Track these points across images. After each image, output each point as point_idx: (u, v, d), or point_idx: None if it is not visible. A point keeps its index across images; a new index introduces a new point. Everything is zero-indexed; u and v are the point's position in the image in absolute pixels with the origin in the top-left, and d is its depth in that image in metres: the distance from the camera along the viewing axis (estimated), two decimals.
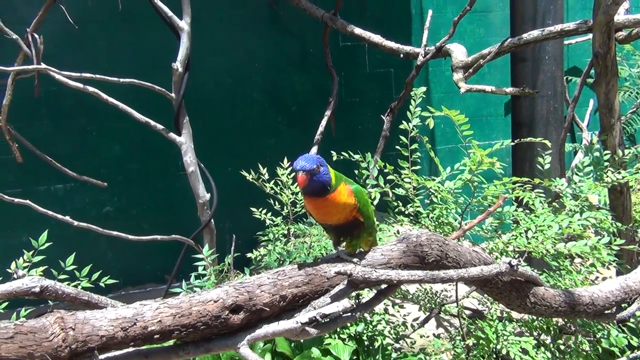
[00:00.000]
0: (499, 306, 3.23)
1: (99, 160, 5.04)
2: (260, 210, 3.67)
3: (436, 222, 3.16)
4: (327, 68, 5.25)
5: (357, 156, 3.29)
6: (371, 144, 4.40)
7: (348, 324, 3.11)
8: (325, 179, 1.87)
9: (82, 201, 5.03)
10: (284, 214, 3.68)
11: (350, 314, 1.81)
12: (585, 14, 6.29)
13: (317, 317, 1.72)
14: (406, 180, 3.20)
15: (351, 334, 3.16)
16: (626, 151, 3.31)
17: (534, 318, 3.08)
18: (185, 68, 3.83)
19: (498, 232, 3.18)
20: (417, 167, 3.22)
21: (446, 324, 4.27)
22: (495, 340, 2.89)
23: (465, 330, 3.28)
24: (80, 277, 2.83)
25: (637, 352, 2.92)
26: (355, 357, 3.10)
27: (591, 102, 6.60)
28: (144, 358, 1.71)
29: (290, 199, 3.62)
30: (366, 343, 3.17)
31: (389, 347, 3.16)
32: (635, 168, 3.15)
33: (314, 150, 4.80)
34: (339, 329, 3.12)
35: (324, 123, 4.97)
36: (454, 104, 5.95)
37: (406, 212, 3.27)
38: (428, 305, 3.64)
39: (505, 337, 2.90)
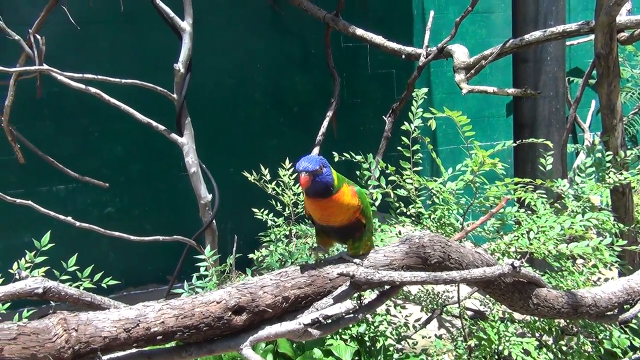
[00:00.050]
0: (501, 307, 3.23)
1: (101, 161, 5.05)
2: (262, 211, 3.67)
3: (438, 223, 3.16)
4: (329, 69, 5.24)
5: (359, 157, 3.29)
6: (373, 145, 4.41)
7: (350, 325, 3.10)
8: (328, 180, 1.86)
9: (84, 202, 5.03)
10: (285, 214, 3.68)
11: (352, 315, 1.81)
12: (587, 14, 6.29)
13: (320, 319, 1.71)
14: (408, 181, 3.20)
15: (353, 335, 3.16)
16: (628, 152, 3.31)
17: (536, 319, 3.08)
18: (187, 69, 3.83)
19: (500, 233, 3.18)
20: (419, 168, 3.22)
21: (448, 324, 4.27)
22: (497, 341, 2.89)
23: (467, 331, 3.28)
24: (82, 278, 2.83)
25: None
26: (357, 358, 3.09)
27: (593, 103, 6.60)
28: (147, 359, 1.71)
29: (292, 199, 3.62)
30: (368, 344, 3.17)
31: (391, 348, 3.16)
32: (637, 169, 3.15)
33: (316, 151, 4.80)
34: (340, 330, 3.12)
35: (325, 124, 4.97)
36: (456, 105, 5.95)
37: (408, 213, 3.27)
38: (430, 306, 3.64)
39: (507, 338, 2.89)
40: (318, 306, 1.78)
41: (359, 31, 4.58)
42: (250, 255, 3.48)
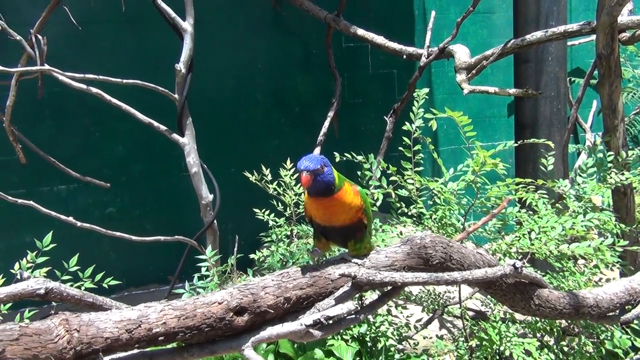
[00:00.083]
0: (502, 307, 3.23)
1: (102, 161, 5.05)
2: (263, 211, 3.67)
3: (439, 224, 3.16)
4: (330, 69, 5.25)
5: (360, 157, 3.29)
6: (374, 145, 4.41)
7: (351, 325, 3.10)
8: (329, 179, 1.86)
9: (86, 202, 5.03)
10: (287, 215, 3.68)
11: (354, 316, 1.80)
12: (589, 15, 6.28)
13: (322, 319, 1.71)
14: (409, 181, 3.20)
15: (354, 335, 3.16)
16: (630, 152, 3.31)
17: (537, 319, 3.07)
18: (188, 69, 3.84)
19: (501, 234, 3.18)
20: (420, 168, 3.22)
21: (449, 325, 4.27)
22: (498, 342, 2.88)
23: (469, 331, 3.28)
24: (84, 278, 2.83)
25: None
26: (358, 359, 3.09)
27: (594, 103, 6.59)
28: None
29: (293, 200, 3.62)
30: (369, 344, 3.17)
31: (392, 349, 3.16)
32: (639, 169, 3.15)
33: (317, 151, 4.80)
34: (342, 330, 3.12)
35: (326, 124, 4.97)
36: (457, 105, 5.95)
37: (409, 214, 3.26)
38: (431, 306, 3.64)
39: (508, 339, 2.89)
40: (320, 307, 1.78)
41: (360, 31, 4.59)
42: (252, 256, 3.48)
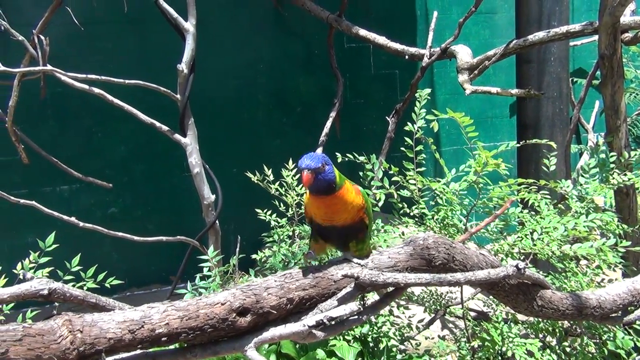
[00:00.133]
0: (504, 308, 3.22)
1: (105, 161, 5.06)
2: (265, 211, 3.66)
3: (441, 224, 3.16)
4: (332, 69, 5.25)
5: (362, 158, 3.28)
6: (376, 146, 4.40)
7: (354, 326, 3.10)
8: (331, 178, 1.86)
9: (88, 202, 5.04)
10: (289, 215, 3.68)
11: (357, 316, 1.80)
12: (591, 15, 6.27)
13: (324, 320, 1.71)
14: (411, 181, 3.20)
15: (356, 336, 3.15)
16: (632, 153, 3.30)
17: (540, 320, 3.07)
18: (190, 69, 3.84)
19: (503, 234, 3.17)
20: (422, 169, 3.22)
21: (451, 325, 4.26)
22: (500, 342, 2.88)
23: (471, 332, 3.27)
24: (86, 278, 2.83)
25: None
26: (360, 359, 3.09)
27: (597, 104, 6.58)
28: None
29: (295, 200, 3.62)
30: (371, 344, 3.16)
31: (394, 349, 3.15)
32: None
33: (319, 151, 4.80)
34: (344, 331, 3.11)
35: (328, 124, 4.97)
36: (459, 106, 5.95)
37: (411, 214, 3.26)
38: (433, 306, 3.64)
39: (510, 339, 2.88)
40: (322, 308, 1.78)
41: (362, 32, 4.58)
42: (254, 256, 3.47)
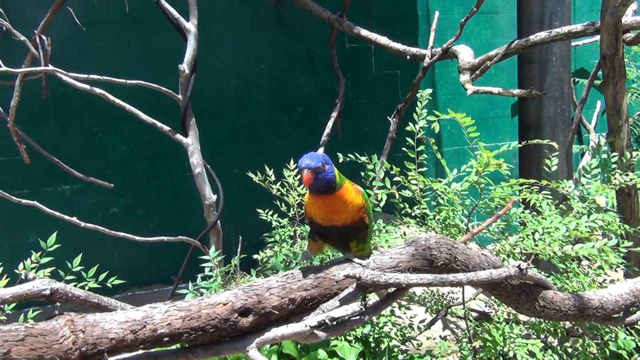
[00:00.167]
0: (506, 308, 3.22)
1: (106, 161, 5.06)
2: (266, 211, 3.66)
3: (443, 224, 3.16)
4: (334, 70, 5.25)
5: (364, 158, 3.28)
6: (377, 146, 4.40)
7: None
8: (331, 177, 1.86)
9: (89, 202, 5.04)
10: (290, 215, 3.68)
11: (358, 317, 1.80)
12: (593, 15, 6.27)
13: (326, 321, 1.71)
14: (412, 182, 3.20)
15: (357, 336, 3.15)
16: (634, 153, 3.30)
17: (541, 320, 3.07)
18: (191, 69, 3.83)
19: (505, 234, 3.17)
20: (424, 169, 3.22)
21: (453, 326, 4.26)
22: (502, 343, 2.88)
23: (472, 332, 3.27)
24: (87, 278, 2.83)
25: None
26: (361, 359, 3.09)
27: (598, 104, 6.58)
28: None
29: (296, 200, 3.62)
30: (372, 345, 3.16)
31: (395, 349, 3.15)
32: None
33: (321, 152, 4.80)
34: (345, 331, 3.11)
35: (330, 125, 4.97)
36: (461, 106, 5.94)
37: (413, 214, 3.26)
38: (434, 307, 3.64)
39: (512, 340, 2.89)
40: (324, 308, 1.78)
41: (364, 32, 4.58)
42: (255, 256, 3.47)
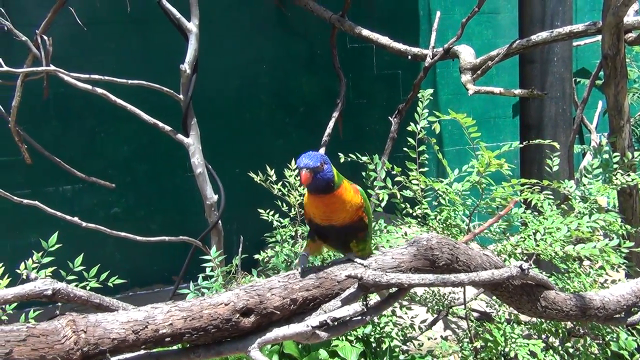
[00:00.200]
0: (507, 308, 3.22)
1: (107, 161, 5.06)
2: (267, 211, 3.66)
3: (444, 224, 3.15)
4: (335, 69, 5.24)
5: (365, 158, 3.28)
6: (379, 146, 4.40)
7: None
8: (329, 177, 1.87)
9: (91, 202, 5.04)
10: (291, 215, 3.68)
11: (360, 317, 1.80)
12: (594, 15, 6.26)
13: (328, 321, 1.71)
14: (414, 182, 3.19)
15: (359, 336, 3.15)
16: (635, 153, 3.30)
17: (543, 321, 3.07)
18: (193, 69, 3.83)
19: (506, 234, 3.17)
20: (425, 169, 3.22)
21: (454, 326, 4.26)
22: (503, 343, 2.88)
23: (473, 332, 3.27)
24: (89, 278, 2.83)
25: None
26: (362, 359, 3.09)
27: (600, 104, 6.58)
28: None
29: (297, 200, 3.61)
30: (374, 345, 3.16)
31: (397, 349, 3.15)
32: None
33: (322, 151, 4.80)
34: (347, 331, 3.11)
35: (331, 125, 4.97)
36: (462, 106, 5.95)
37: (414, 214, 3.26)
38: (436, 307, 3.64)
39: (513, 340, 2.88)
40: (326, 308, 1.78)
41: (365, 32, 4.58)
42: (256, 256, 3.47)
